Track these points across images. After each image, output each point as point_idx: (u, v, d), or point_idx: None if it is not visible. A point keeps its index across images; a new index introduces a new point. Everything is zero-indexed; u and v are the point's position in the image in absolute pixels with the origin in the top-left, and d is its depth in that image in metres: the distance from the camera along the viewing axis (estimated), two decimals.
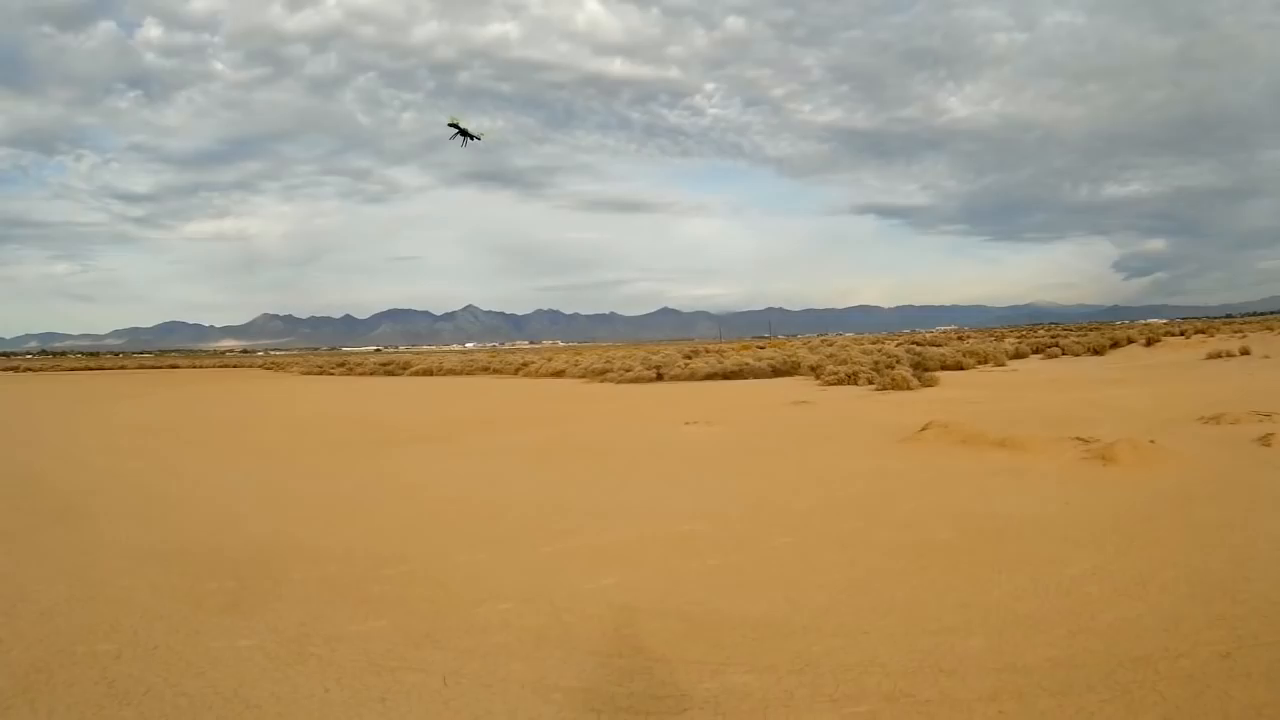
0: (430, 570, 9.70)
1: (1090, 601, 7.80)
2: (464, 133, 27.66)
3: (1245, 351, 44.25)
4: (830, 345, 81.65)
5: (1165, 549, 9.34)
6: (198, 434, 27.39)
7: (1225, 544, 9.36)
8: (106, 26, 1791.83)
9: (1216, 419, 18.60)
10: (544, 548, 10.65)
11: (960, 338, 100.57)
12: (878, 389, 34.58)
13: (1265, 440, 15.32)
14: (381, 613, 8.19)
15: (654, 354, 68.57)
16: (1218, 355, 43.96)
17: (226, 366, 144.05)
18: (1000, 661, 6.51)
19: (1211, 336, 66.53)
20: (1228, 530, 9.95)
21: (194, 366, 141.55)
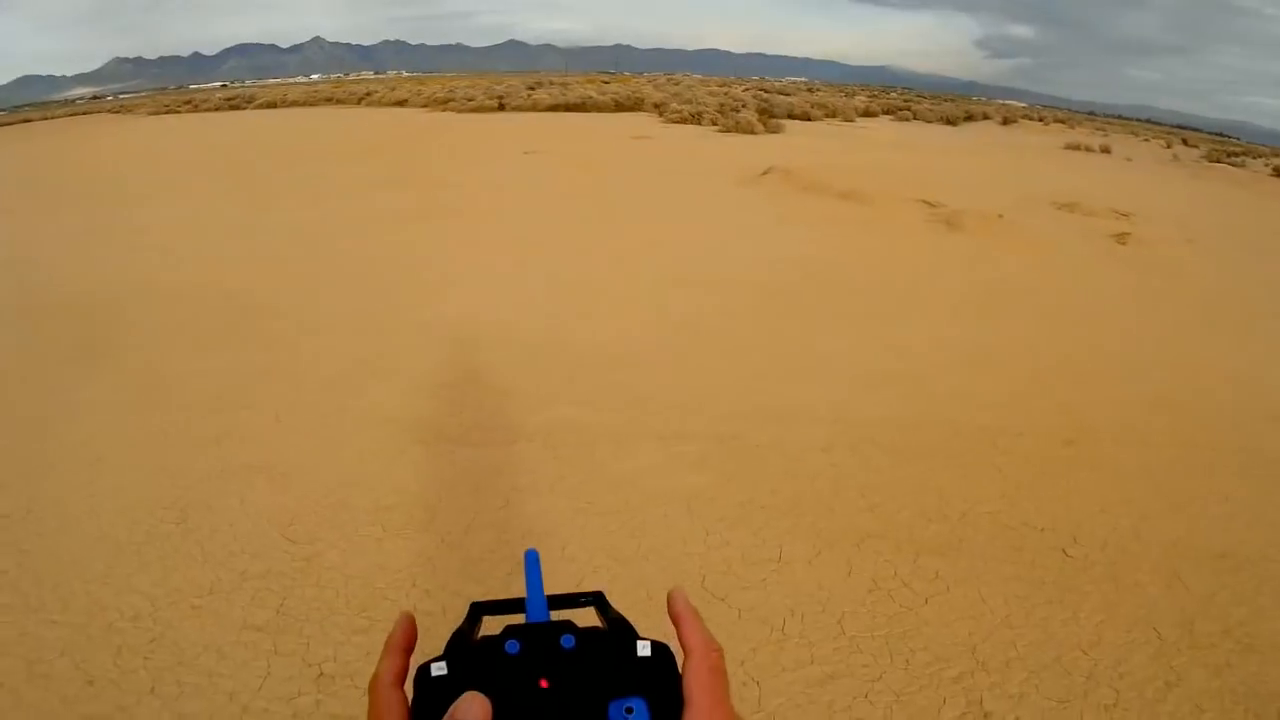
0: (272, 303, 9.89)
1: (931, 366, 8.04)
2: None
3: (1106, 150, 46.16)
4: (676, 84, 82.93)
5: (1010, 325, 9.72)
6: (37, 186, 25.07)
7: (1075, 333, 9.80)
8: None
9: (1071, 207, 19.33)
10: (381, 277, 10.86)
11: (810, 90, 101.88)
12: (721, 131, 35.22)
13: (1120, 238, 15.96)
14: (223, 349, 8.37)
15: (498, 84, 68.53)
16: (1076, 147, 45.70)
17: (75, 115, 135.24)
18: (834, 413, 6.67)
19: (1072, 128, 69.21)
20: (1078, 320, 10.42)
21: (46, 119, 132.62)
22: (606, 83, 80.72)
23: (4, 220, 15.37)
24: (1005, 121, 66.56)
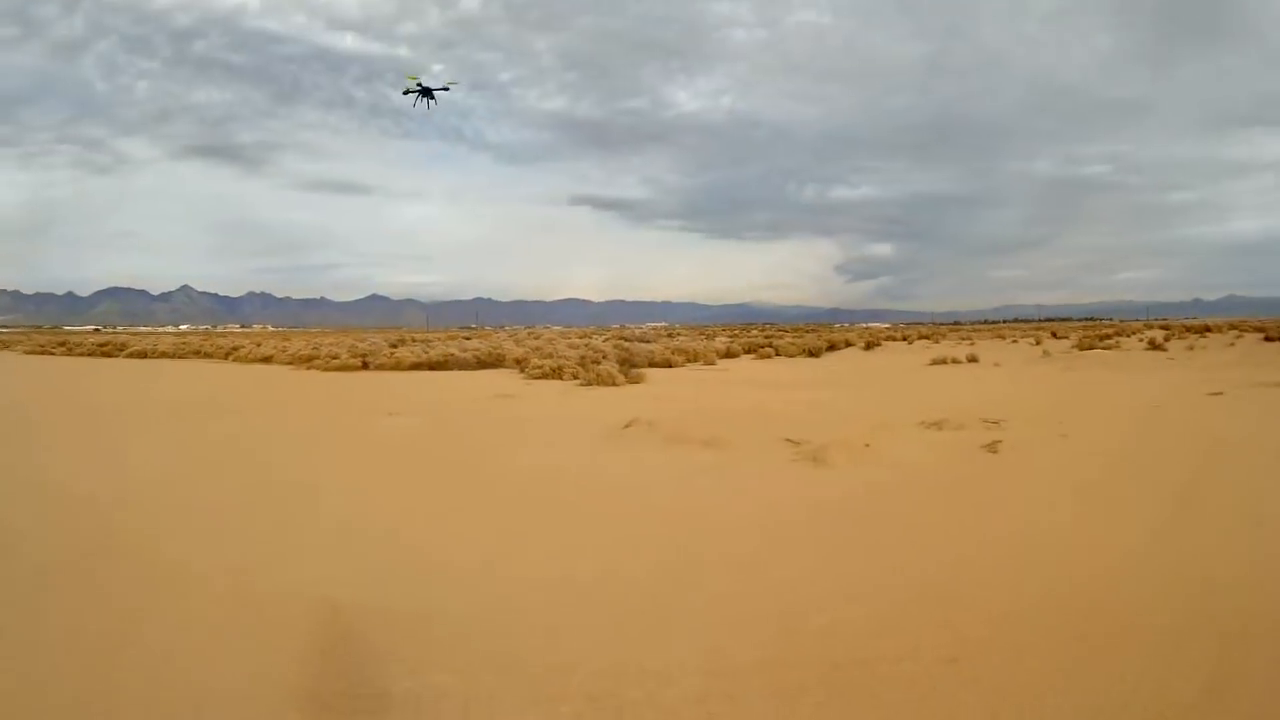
0: (137, 560, 9.96)
1: (802, 603, 8.38)
2: (426, 91, 27.61)
3: (973, 359, 48.73)
4: (537, 338, 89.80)
5: (883, 552, 10.18)
6: None
7: (949, 548, 10.30)
8: None
9: (939, 424, 20.42)
10: (246, 536, 11.09)
11: (670, 334, 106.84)
12: (583, 384, 37.02)
13: (992, 447, 16.90)
14: (92, 605, 8.45)
15: (361, 341, 75.02)
16: (943, 361, 48.18)
17: None
18: (708, 663, 6.91)
19: (937, 342, 72.98)
20: (952, 534, 10.98)
21: None
22: (468, 338, 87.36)
23: None
24: (869, 346, 69.86)
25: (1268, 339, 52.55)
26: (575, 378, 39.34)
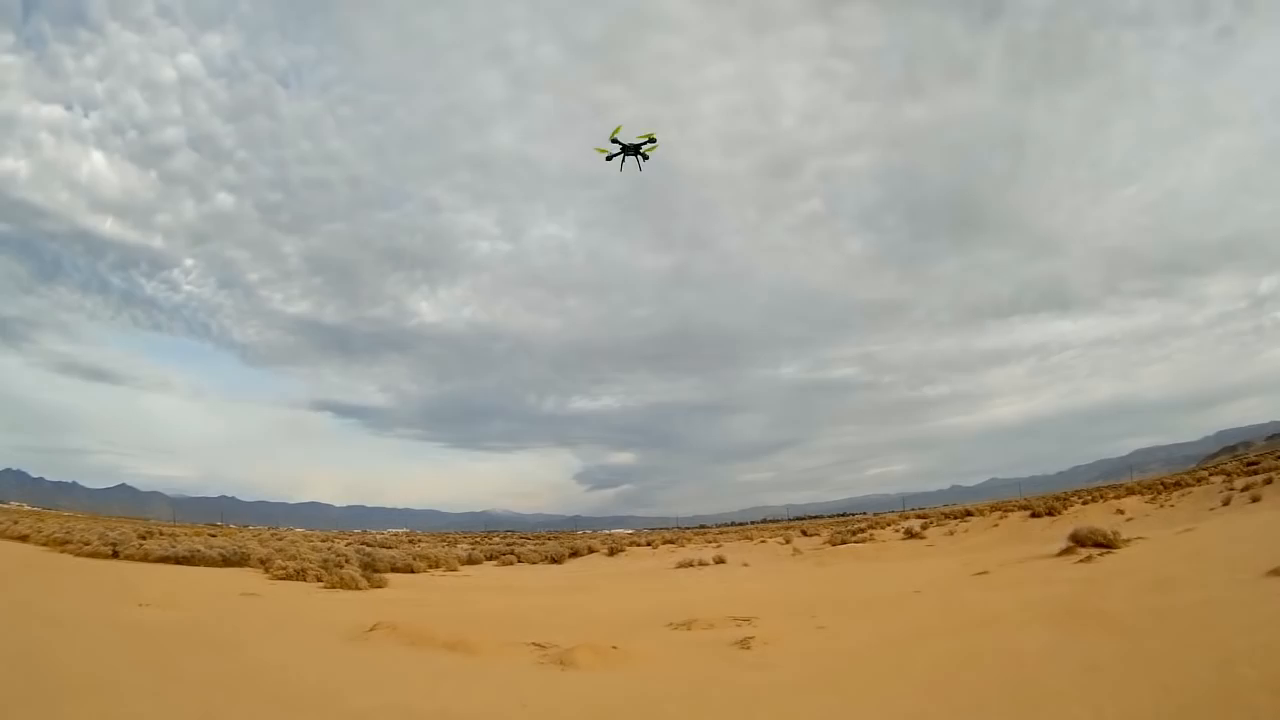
0: None
1: None
2: (632, 149, 26.05)
3: (720, 560, 49.82)
4: (280, 539, 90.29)
5: None
6: None
7: None
8: None
9: (688, 624, 20.71)
10: None
11: (412, 540, 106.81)
12: (326, 587, 36.82)
13: (744, 644, 17.21)
14: None
15: (111, 530, 73.90)
16: (689, 564, 49.08)
17: None
18: None
19: (682, 546, 74.15)
20: None
21: None
22: (214, 535, 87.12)
23: None
24: (612, 552, 70.89)
25: (1033, 515, 56.16)
26: (319, 580, 38.93)
